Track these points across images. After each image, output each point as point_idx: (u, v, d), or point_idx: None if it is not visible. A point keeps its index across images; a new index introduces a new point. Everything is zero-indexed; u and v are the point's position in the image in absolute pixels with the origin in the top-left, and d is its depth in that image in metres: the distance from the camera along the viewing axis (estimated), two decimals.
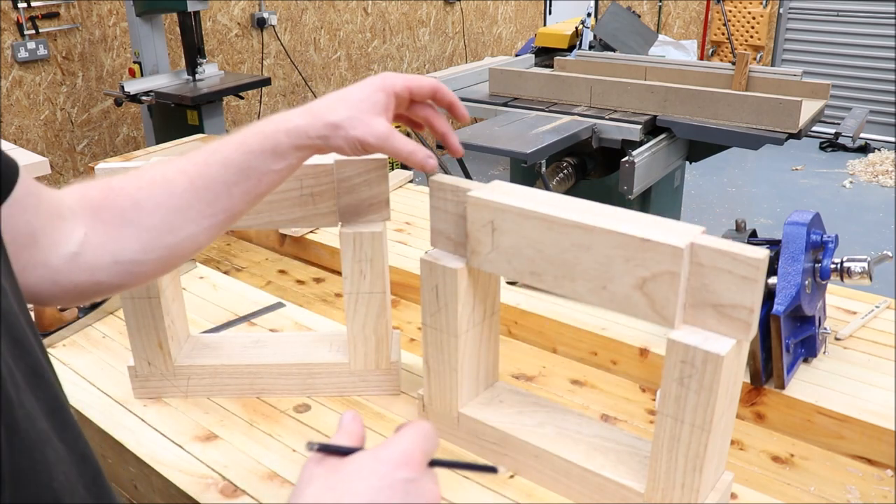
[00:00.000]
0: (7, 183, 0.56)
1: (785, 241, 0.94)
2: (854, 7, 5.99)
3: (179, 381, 0.98)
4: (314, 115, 0.70)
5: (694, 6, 6.82)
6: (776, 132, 2.59)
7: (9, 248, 0.57)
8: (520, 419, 0.85)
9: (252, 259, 1.48)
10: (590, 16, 3.67)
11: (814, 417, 0.91)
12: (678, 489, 0.69)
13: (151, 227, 0.66)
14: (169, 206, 0.67)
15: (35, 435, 0.41)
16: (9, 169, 0.56)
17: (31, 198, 0.59)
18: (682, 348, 0.64)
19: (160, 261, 0.68)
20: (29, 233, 0.59)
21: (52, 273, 0.62)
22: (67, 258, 0.63)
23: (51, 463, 0.42)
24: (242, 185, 0.69)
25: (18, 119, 3.49)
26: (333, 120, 0.70)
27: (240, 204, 0.70)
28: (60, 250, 0.62)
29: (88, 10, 3.63)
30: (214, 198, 0.68)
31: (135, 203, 0.66)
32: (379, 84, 0.73)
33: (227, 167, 0.68)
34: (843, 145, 5.51)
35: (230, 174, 0.68)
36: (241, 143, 0.69)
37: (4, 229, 0.56)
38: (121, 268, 0.66)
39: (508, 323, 1.15)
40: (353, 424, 0.56)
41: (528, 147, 2.50)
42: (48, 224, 0.61)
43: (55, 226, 0.62)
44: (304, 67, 4.68)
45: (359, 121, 0.70)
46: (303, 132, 0.70)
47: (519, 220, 0.73)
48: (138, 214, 0.66)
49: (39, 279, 0.62)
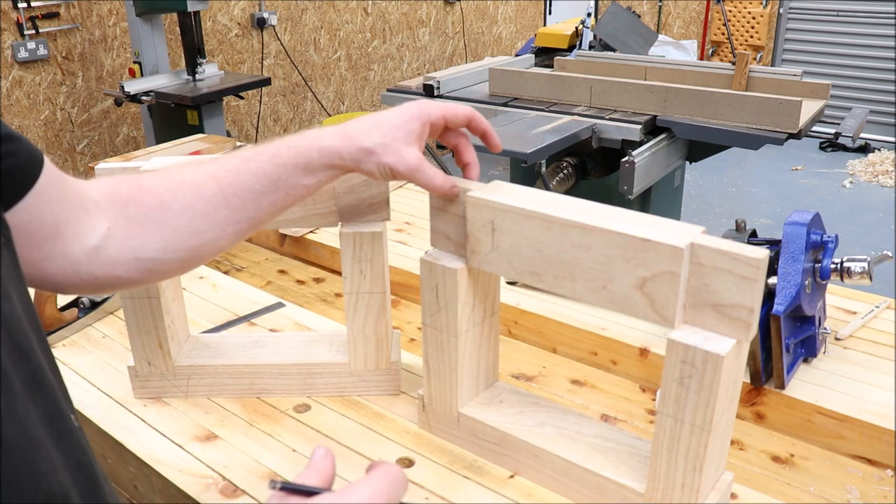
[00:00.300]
0: (32, 173, 0.56)
1: (785, 241, 0.94)
2: (854, 7, 5.99)
3: (179, 381, 0.98)
4: (348, 138, 0.71)
5: (694, 6, 6.82)
6: (776, 132, 2.59)
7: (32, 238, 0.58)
8: (520, 419, 0.85)
9: (252, 259, 1.48)
10: (590, 16, 3.66)
11: (814, 417, 0.91)
12: (678, 489, 0.69)
13: (175, 228, 0.67)
14: (195, 210, 0.68)
15: (25, 443, 0.41)
16: (33, 158, 0.56)
17: (56, 188, 0.59)
18: (682, 348, 0.64)
19: (180, 261, 0.69)
20: (53, 222, 0.60)
21: (73, 264, 0.63)
22: (89, 250, 0.63)
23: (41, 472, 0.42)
24: (271, 196, 0.70)
25: (18, 119, 3.49)
26: (367, 146, 0.71)
27: (265, 214, 0.71)
28: (83, 242, 0.63)
29: (88, 10, 3.63)
30: (241, 205, 0.69)
31: (162, 203, 0.67)
32: (416, 112, 0.74)
33: (257, 177, 0.69)
34: (843, 145, 5.51)
35: (260, 184, 0.69)
36: (275, 156, 0.70)
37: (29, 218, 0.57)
38: (141, 265, 0.66)
39: (508, 323, 1.15)
40: (323, 462, 0.55)
41: (528, 147, 2.50)
42: (72, 215, 0.62)
43: (79, 217, 0.63)
44: (304, 67, 4.68)
45: (391, 149, 0.71)
46: (335, 153, 0.70)
47: (519, 220, 0.73)
48: (164, 214, 0.67)
49: (59, 269, 0.62)
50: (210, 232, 0.69)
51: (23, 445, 0.40)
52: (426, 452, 0.87)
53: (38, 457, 0.42)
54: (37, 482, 0.41)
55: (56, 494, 0.42)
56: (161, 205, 0.67)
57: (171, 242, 0.67)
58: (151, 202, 0.67)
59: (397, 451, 0.88)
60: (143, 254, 0.66)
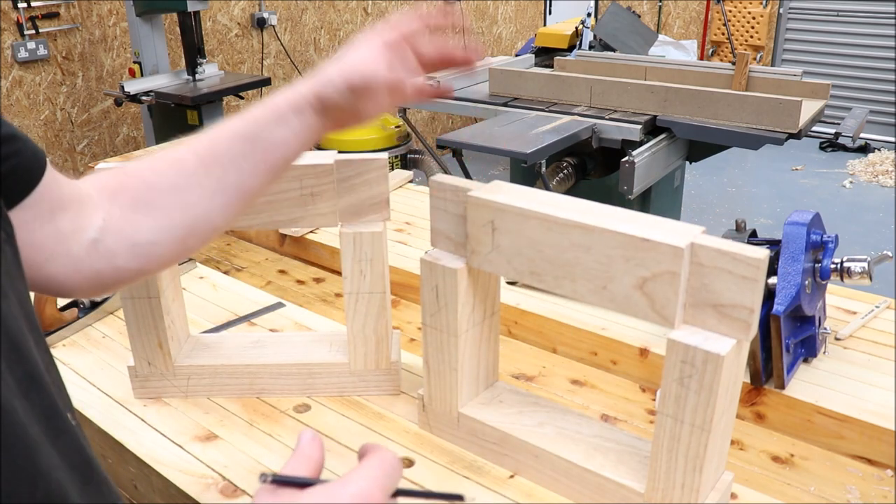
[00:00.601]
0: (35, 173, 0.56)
1: (785, 241, 0.94)
2: (854, 7, 5.99)
3: (179, 381, 0.98)
4: (309, 76, 0.72)
5: (694, 6, 6.82)
6: (776, 132, 2.59)
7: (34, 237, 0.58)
8: (520, 419, 0.85)
9: (252, 259, 1.48)
10: (590, 16, 3.67)
11: (814, 417, 0.91)
12: (678, 489, 0.69)
13: (165, 207, 0.67)
14: (180, 185, 0.67)
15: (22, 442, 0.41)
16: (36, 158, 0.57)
17: (55, 186, 0.59)
18: (682, 348, 0.64)
19: (176, 242, 0.68)
20: (52, 221, 0.60)
21: (75, 262, 0.63)
22: (88, 245, 0.63)
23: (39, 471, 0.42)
24: (250, 158, 0.69)
25: (18, 119, 3.49)
26: (326, 71, 0.72)
27: (249, 178, 0.70)
28: (81, 238, 0.63)
29: (88, 10, 3.63)
30: (223, 173, 0.69)
31: (148, 185, 0.67)
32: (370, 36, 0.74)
33: (233, 140, 0.69)
34: (843, 145, 5.51)
35: (237, 146, 0.69)
36: (247, 114, 0.70)
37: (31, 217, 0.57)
38: (139, 250, 0.66)
39: (508, 323, 1.15)
40: (311, 447, 0.53)
41: (528, 147, 2.50)
42: (70, 212, 0.62)
43: (76, 213, 0.62)
44: (304, 67, 4.68)
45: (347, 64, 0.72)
46: (297, 91, 0.71)
47: (519, 220, 0.73)
48: (152, 196, 0.67)
49: (62, 268, 0.62)
50: (199, 205, 0.68)
51: (19, 445, 0.40)
52: (426, 452, 0.87)
53: (35, 456, 0.42)
54: (34, 481, 0.41)
55: (55, 493, 0.42)
56: (148, 187, 0.67)
57: (163, 221, 0.67)
58: (139, 186, 0.67)
59: (397, 451, 0.87)
60: (138, 238, 0.66)
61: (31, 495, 0.41)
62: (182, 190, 0.67)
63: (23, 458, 0.41)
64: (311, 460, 0.53)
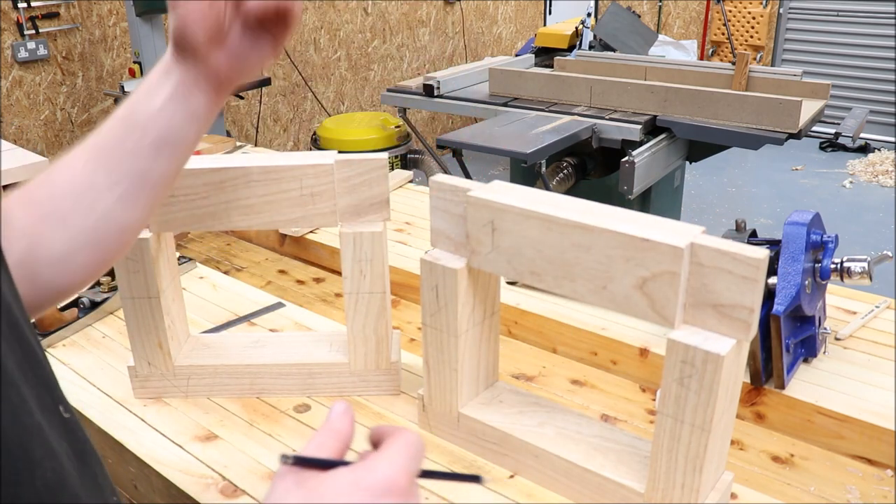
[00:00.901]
0: None
1: (785, 241, 0.94)
2: (854, 7, 5.99)
3: (179, 381, 0.98)
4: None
5: (694, 6, 6.82)
6: (776, 132, 2.59)
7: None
8: (520, 419, 0.85)
9: (252, 259, 1.48)
10: (590, 16, 3.67)
11: (814, 417, 0.91)
12: (678, 489, 0.69)
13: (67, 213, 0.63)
14: (74, 186, 0.63)
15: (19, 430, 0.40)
16: None
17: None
18: (682, 348, 0.64)
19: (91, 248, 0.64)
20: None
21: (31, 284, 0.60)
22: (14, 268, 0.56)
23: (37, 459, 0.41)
24: (131, 137, 0.65)
25: (18, 119, 3.49)
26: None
27: (140, 161, 0.65)
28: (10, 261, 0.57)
29: (88, 10, 3.63)
30: (114, 163, 0.64)
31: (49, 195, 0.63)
32: None
33: (113, 125, 0.65)
34: (843, 145, 5.51)
35: (117, 129, 0.65)
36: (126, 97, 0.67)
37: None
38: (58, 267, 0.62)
39: (508, 323, 1.15)
40: (341, 421, 0.51)
41: (528, 147, 2.50)
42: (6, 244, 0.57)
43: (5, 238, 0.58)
44: (304, 67, 4.68)
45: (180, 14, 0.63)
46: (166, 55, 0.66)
47: (519, 220, 0.73)
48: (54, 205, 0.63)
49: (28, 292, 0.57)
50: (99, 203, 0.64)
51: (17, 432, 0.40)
52: (426, 452, 0.87)
53: (33, 443, 0.41)
54: (33, 469, 0.41)
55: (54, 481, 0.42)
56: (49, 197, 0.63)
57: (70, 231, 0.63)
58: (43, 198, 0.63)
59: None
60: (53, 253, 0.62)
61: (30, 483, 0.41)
62: (78, 192, 0.63)
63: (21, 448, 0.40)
64: (339, 434, 0.51)
